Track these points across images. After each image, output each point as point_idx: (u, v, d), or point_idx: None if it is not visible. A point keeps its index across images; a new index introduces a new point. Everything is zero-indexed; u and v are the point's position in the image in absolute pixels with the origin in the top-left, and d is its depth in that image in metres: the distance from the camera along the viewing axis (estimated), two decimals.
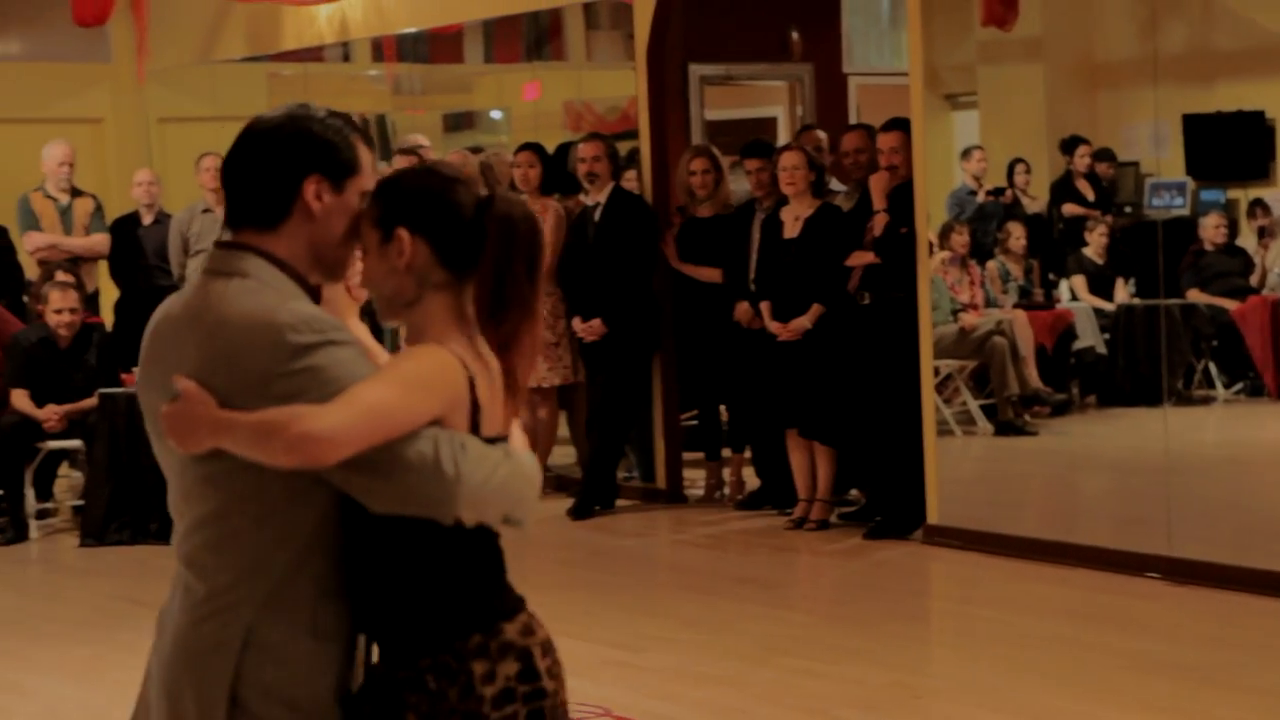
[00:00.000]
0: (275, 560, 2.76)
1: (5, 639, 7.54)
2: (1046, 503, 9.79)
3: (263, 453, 2.65)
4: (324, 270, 2.89)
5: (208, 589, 2.78)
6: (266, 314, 2.73)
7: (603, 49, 12.65)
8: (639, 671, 6.48)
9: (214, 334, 2.76)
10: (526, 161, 9.92)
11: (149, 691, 2.94)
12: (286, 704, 2.75)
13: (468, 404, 2.78)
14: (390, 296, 2.85)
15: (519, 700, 2.80)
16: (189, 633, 2.79)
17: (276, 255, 2.83)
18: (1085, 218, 10.98)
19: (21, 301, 11.08)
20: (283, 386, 2.69)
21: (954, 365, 10.31)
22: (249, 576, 2.76)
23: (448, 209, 2.82)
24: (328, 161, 2.84)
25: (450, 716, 2.76)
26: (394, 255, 2.81)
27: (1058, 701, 6.00)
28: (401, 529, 2.75)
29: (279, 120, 2.87)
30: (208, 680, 2.75)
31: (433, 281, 2.82)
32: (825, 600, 7.86)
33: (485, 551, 2.84)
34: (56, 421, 9.56)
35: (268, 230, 2.84)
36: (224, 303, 2.77)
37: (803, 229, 8.84)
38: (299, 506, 2.76)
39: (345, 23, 11.76)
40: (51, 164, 11.42)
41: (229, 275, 2.81)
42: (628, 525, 9.42)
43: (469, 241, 2.81)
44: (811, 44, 12.34)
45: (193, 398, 2.69)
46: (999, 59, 11.19)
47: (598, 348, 9.63)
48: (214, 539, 2.78)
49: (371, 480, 2.70)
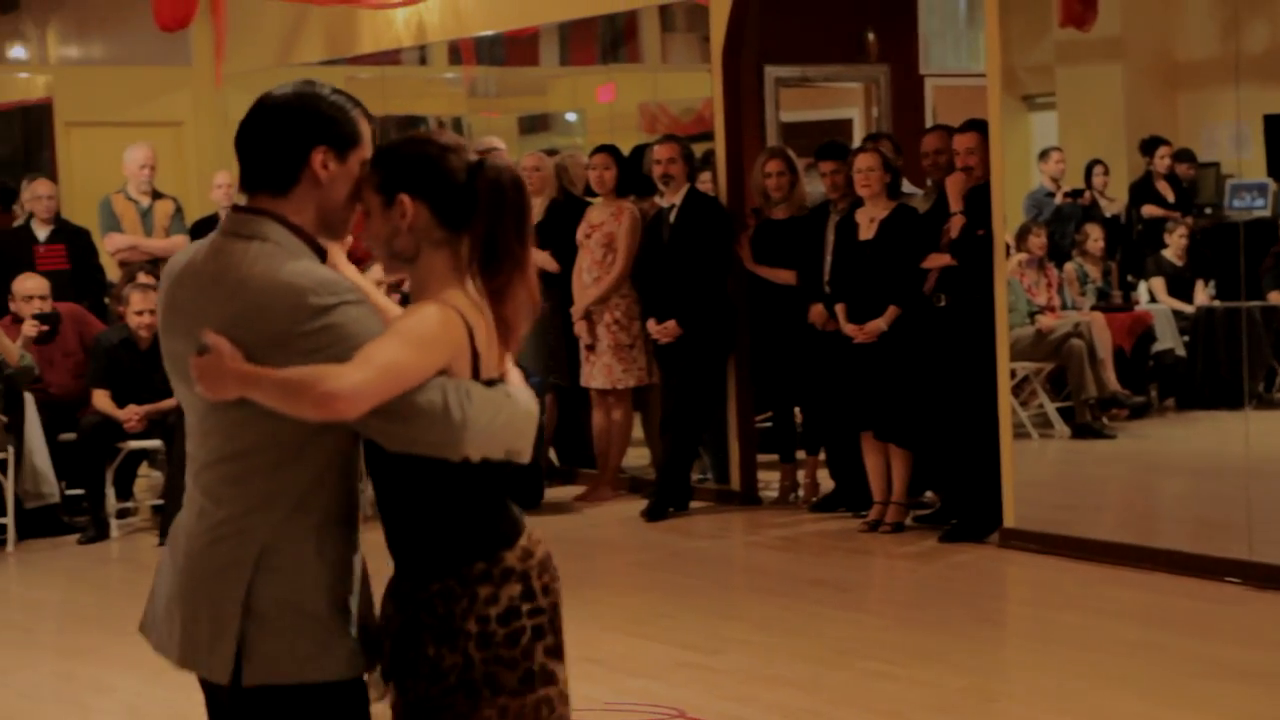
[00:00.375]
0: (287, 493, 3.06)
1: (87, 637, 7.64)
2: (1124, 506, 9.71)
3: (291, 407, 2.95)
4: (329, 232, 3.18)
5: (224, 514, 3.08)
6: (287, 277, 3.01)
7: (678, 51, 12.66)
8: (713, 673, 6.48)
9: (236, 293, 3.03)
10: (601, 163, 9.93)
11: (157, 603, 3.28)
12: (294, 611, 3.05)
13: (469, 353, 3.09)
14: (394, 253, 3.17)
15: (523, 616, 3.14)
16: (205, 551, 3.09)
17: (289, 219, 3.12)
18: (1165, 219, 10.90)
19: (103, 303, 11.21)
20: (303, 343, 2.97)
21: (1031, 367, 10.24)
22: (263, 506, 3.06)
23: (443, 174, 3.14)
24: (333, 134, 3.13)
25: (459, 635, 3.10)
26: (396, 217, 3.14)
27: (1133, 707, 5.96)
28: (413, 466, 3.08)
29: (289, 95, 3.18)
30: (223, 593, 3.05)
31: (432, 239, 3.14)
32: (900, 603, 7.83)
33: (488, 486, 3.14)
34: (137, 422, 9.67)
35: (280, 195, 3.13)
36: (245, 264, 3.05)
37: (878, 231, 8.81)
38: (310, 449, 3.05)
39: (422, 26, 11.82)
40: (133, 167, 11.55)
41: (249, 238, 3.09)
42: (702, 527, 9.42)
43: (463, 202, 3.13)
44: (888, 45, 12.30)
45: (222, 351, 2.97)
46: (1077, 59, 11.12)
47: (672, 349, 9.63)
48: (233, 474, 3.08)
49: (388, 425, 3.00)
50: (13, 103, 14.31)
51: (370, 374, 2.93)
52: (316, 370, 2.92)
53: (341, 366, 2.93)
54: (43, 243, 11.11)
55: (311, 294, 2.99)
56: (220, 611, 3.06)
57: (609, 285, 9.79)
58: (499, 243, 3.13)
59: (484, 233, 3.12)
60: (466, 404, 3.02)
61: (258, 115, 3.19)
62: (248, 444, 3.06)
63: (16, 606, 8.65)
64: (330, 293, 3.01)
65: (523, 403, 3.17)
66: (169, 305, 3.19)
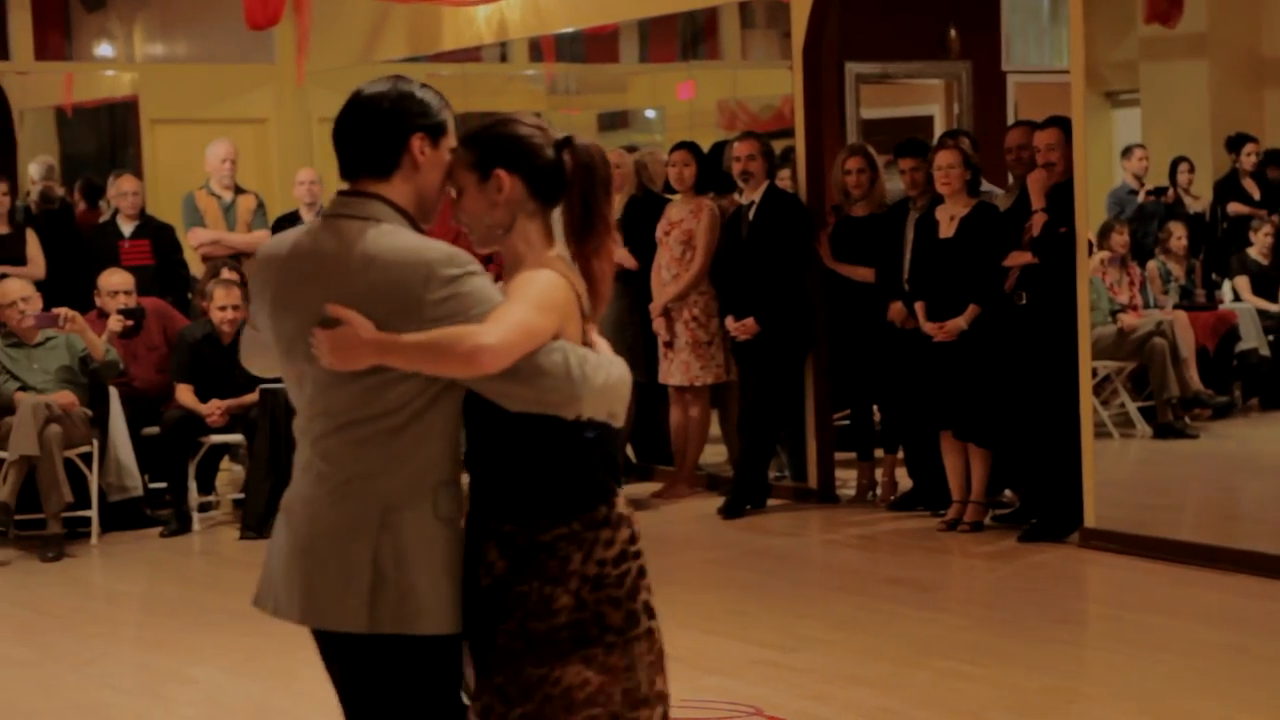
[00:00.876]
0: (407, 456, 3.29)
1: (169, 629, 7.72)
2: (1206, 507, 9.62)
3: (438, 366, 3.22)
4: (422, 214, 3.43)
5: (346, 476, 3.31)
6: (415, 251, 3.27)
7: (758, 48, 12.65)
8: (790, 672, 6.47)
9: (366, 269, 3.27)
10: (681, 160, 9.92)
11: (273, 572, 3.49)
12: (412, 567, 3.27)
13: (578, 317, 3.37)
14: (490, 225, 3.44)
15: (629, 559, 3.39)
16: (328, 511, 3.32)
17: (393, 201, 3.38)
18: (1250, 217, 10.80)
19: (186, 298, 11.32)
20: (431, 311, 3.22)
21: (1112, 367, 10.17)
22: (385, 469, 3.29)
23: (535, 149, 3.43)
24: (428, 121, 3.41)
25: (573, 578, 3.33)
26: (493, 191, 3.41)
27: (1214, 711, 5.90)
28: (534, 425, 3.32)
29: (387, 87, 3.42)
30: (348, 548, 3.28)
31: (526, 210, 3.43)
32: (979, 603, 7.79)
33: (600, 441, 3.39)
34: (219, 416, 9.75)
35: (382, 179, 3.39)
36: (368, 241, 3.30)
37: (958, 229, 8.77)
38: (428, 414, 3.29)
39: (503, 23, 11.86)
40: (214, 161, 11.65)
41: (363, 219, 3.35)
42: (779, 525, 9.40)
43: (553, 175, 3.43)
44: (970, 41, 12.25)
45: (355, 323, 3.21)
46: (1162, 56, 11.04)
47: (750, 347, 9.62)
48: (356, 438, 3.30)
49: (512, 385, 3.25)
50: (99, 100, 14.48)
51: (510, 331, 3.19)
52: (461, 329, 3.19)
53: (483, 325, 3.19)
54: (128, 238, 11.23)
55: (441, 265, 3.24)
56: (347, 565, 3.29)
57: (688, 282, 9.78)
58: (591, 210, 3.43)
59: (578, 201, 3.42)
60: (585, 365, 3.27)
61: (357, 106, 3.42)
62: (372, 410, 3.28)
63: (100, 598, 8.76)
64: (456, 264, 3.26)
65: (619, 367, 3.39)
66: (281, 287, 3.41)
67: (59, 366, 9.63)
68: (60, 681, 6.84)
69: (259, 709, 6.36)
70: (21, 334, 9.67)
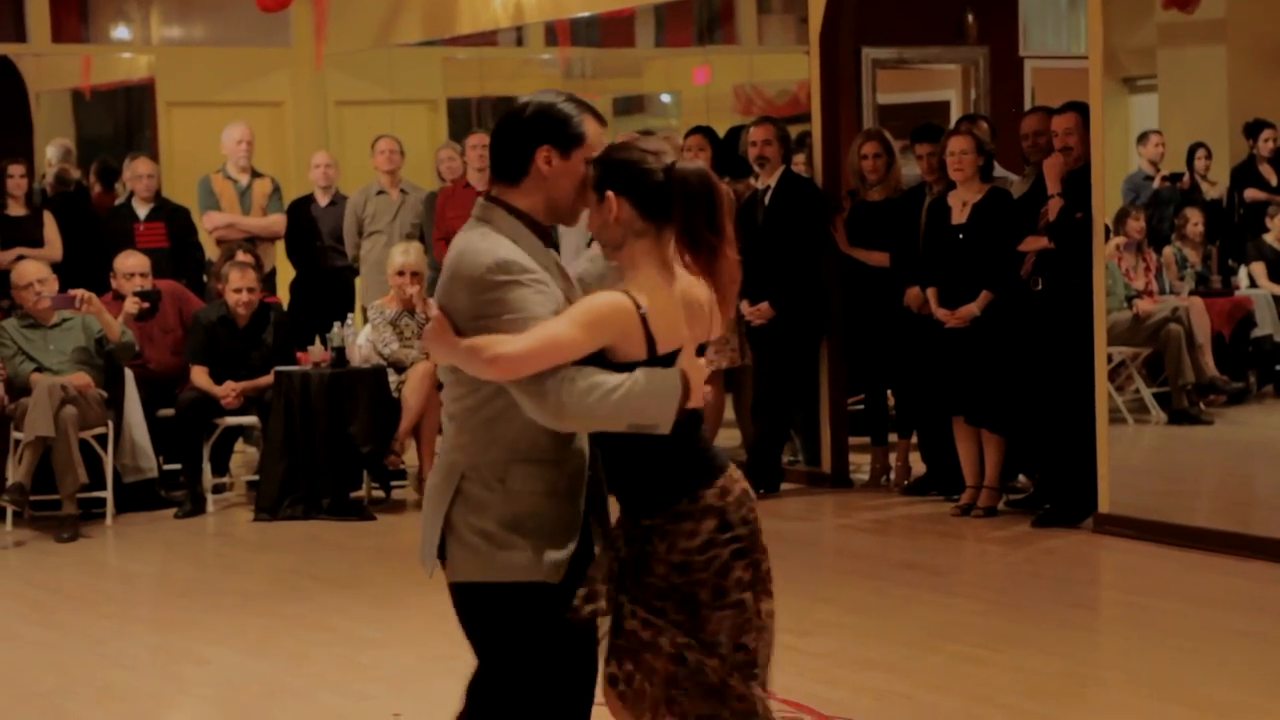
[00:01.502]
0: (486, 438, 3.68)
1: (183, 610, 7.74)
2: (1221, 493, 9.61)
3: (470, 366, 3.57)
4: (559, 218, 3.77)
5: (446, 447, 3.77)
6: (479, 256, 3.61)
7: (773, 33, 12.64)
8: (803, 655, 6.46)
9: (449, 270, 3.66)
10: (697, 145, 9.91)
11: None
12: (480, 533, 3.68)
13: (640, 335, 3.60)
14: (606, 241, 3.75)
15: (719, 545, 3.71)
16: (432, 477, 3.79)
17: (516, 206, 3.71)
18: (1267, 203, 10.77)
19: (202, 281, 11.33)
20: (475, 310, 3.58)
21: (1127, 352, 10.15)
22: (467, 446, 3.70)
23: (643, 174, 3.68)
24: (557, 135, 3.69)
25: (660, 564, 3.70)
26: (606, 211, 3.70)
27: (1228, 694, 5.90)
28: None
29: (526, 102, 3.75)
30: (435, 508, 3.74)
31: (635, 229, 3.70)
32: (992, 587, 7.79)
33: (683, 437, 3.66)
34: (234, 398, 9.77)
35: (511, 185, 3.73)
36: (462, 243, 3.68)
37: (970, 214, 8.75)
38: (500, 400, 3.63)
39: (520, 7, 11.85)
40: (230, 143, 11.65)
41: (485, 222, 3.71)
42: (792, 509, 9.40)
43: (660, 198, 3.67)
44: (987, 27, 12.21)
45: (436, 319, 3.62)
46: (1180, 42, 11.01)
47: (765, 331, 9.62)
48: (450, 413, 3.76)
49: (517, 394, 3.58)
50: (115, 83, 14.49)
51: (531, 345, 3.49)
52: (491, 338, 3.52)
53: (512, 336, 3.51)
54: (143, 221, 11.24)
55: (488, 271, 3.58)
56: (431, 523, 3.75)
57: None
58: (693, 229, 3.66)
59: (679, 220, 3.66)
60: (566, 390, 3.52)
61: (504, 116, 3.78)
62: (456, 392, 3.71)
63: (114, 578, 8.79)
64: (505, 272, 3.58)
65: (647, 384, 3.59)
66: None
67: (75, 348, 9.65)
68: (74, 661, 6.86)
69: (271, 689, 6.38)
70: (38, 315, 9.69)
